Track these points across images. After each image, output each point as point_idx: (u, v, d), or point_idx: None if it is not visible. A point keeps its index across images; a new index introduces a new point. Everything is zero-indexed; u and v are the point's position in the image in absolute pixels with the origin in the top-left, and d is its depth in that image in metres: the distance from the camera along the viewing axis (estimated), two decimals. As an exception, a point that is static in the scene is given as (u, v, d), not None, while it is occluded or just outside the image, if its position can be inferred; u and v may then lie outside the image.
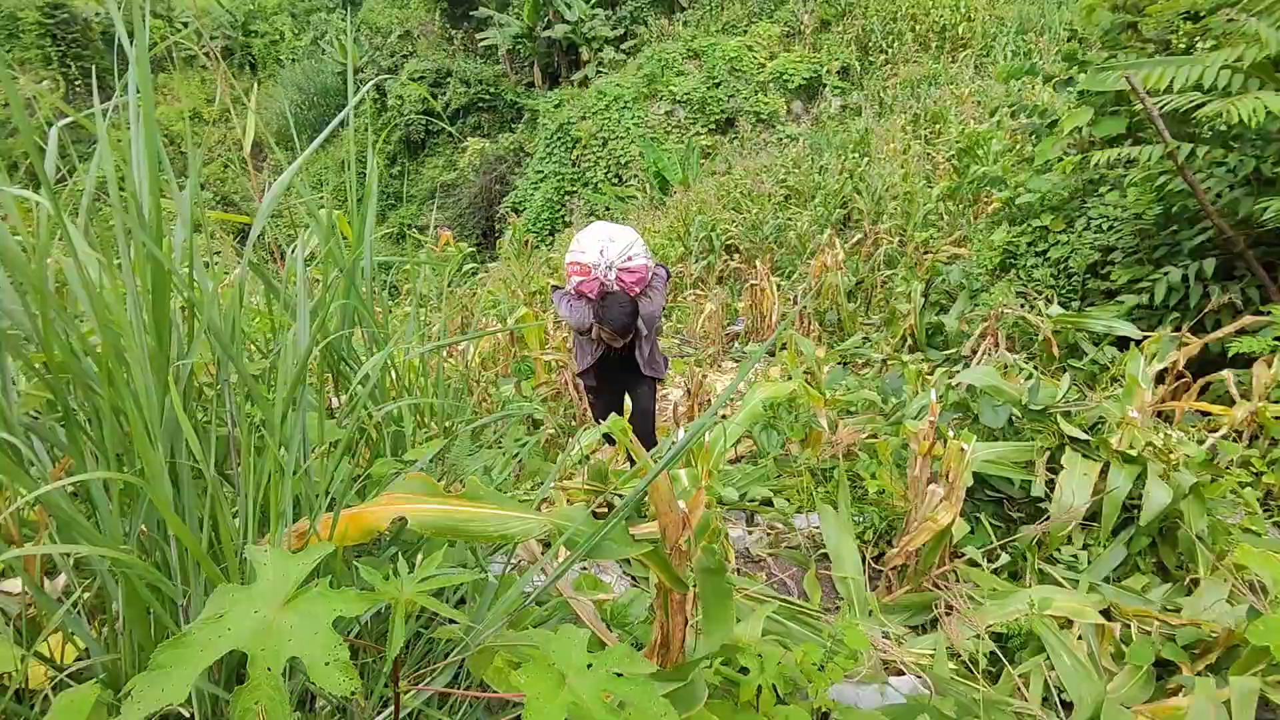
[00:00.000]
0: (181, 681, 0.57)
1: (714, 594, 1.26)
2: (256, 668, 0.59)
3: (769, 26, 18.19)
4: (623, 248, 3.22)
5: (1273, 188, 3.64)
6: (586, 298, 3.26)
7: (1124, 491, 2.23)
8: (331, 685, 0.58)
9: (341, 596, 0.64)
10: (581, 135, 18.07)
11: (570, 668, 0.71)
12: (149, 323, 0.85)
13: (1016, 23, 15.07)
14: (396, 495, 0.97)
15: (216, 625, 0.61)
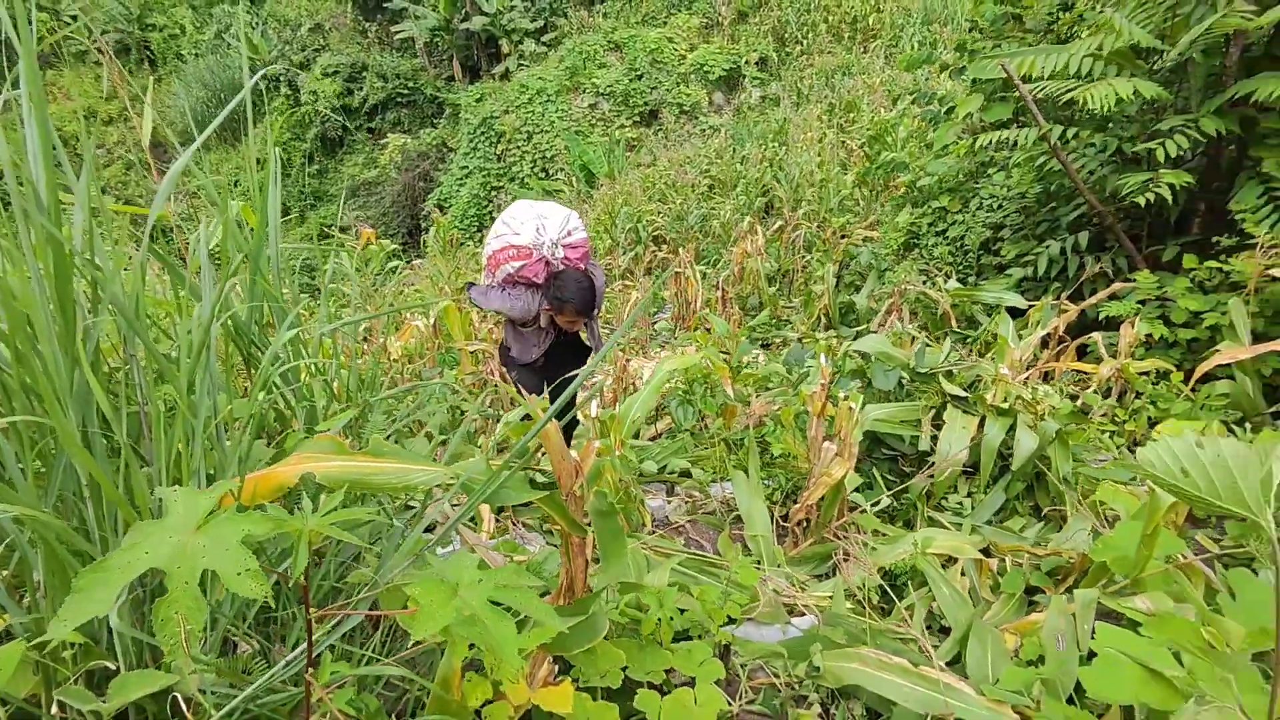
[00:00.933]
0: (105, 597, 0.65)
1: (608, 534, 1.38)
2: (174, 582, 0.66)
3: (688, 18, 18.42)
4: (561, 222, 2.94)
5: (1134, 166, 3.99)
6: (529, 284, 2.93)
7: (997, 440, 2.47)
8: (245, 591, 0.66)
9: (248, 519, 0.72)
10: (506, 129, 17.93)
11: (462, 583, 0.81)
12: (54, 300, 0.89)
13: (922, 13, 15.71)
14: (304, 455, 1.04)
15: (133, 550, 0.69)
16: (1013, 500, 2.56)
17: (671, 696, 1.36)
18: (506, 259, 2.89)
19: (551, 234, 2.88)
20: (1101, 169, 4.22)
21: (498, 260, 2.92)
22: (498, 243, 2.93)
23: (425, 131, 21.47)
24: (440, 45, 23.13)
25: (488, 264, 3.01)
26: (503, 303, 2.95)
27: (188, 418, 0.99)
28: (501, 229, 2.96)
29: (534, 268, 2.89)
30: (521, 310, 2.95)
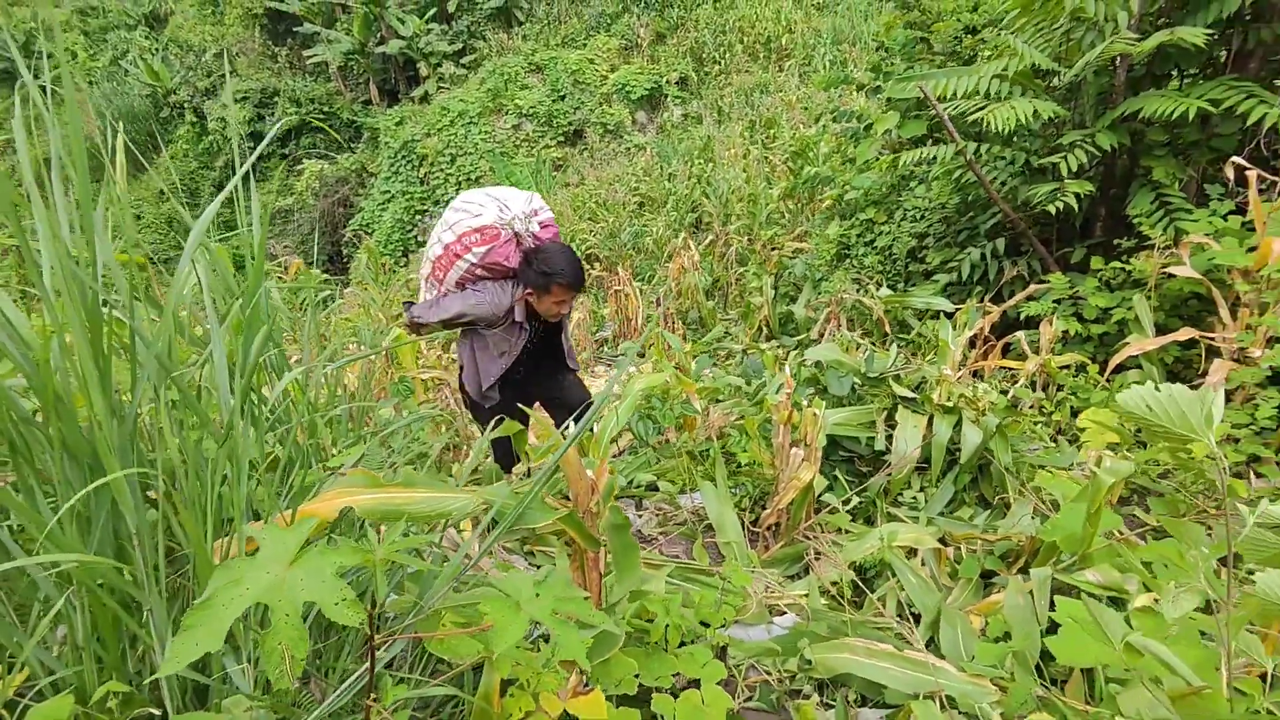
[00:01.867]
0: (217, 631, 0.67)
1: (621, 547, 1.44)
2: (277, 614, 0.70)
3: (607, 40, 18.70)
4: (524, 199, 2.57)
5: (1042, 176, 4.33)
6: (497, 273, 2.54)
7: (945, 436, 2.65)
8: (344, 619, 0.70)
9: (339, 552, 0.76)
10: (428, 152, 17.75)
11: (522, 598, 0.86)
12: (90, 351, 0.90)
13: (831, 34, 16.44)
14: (339, 490, 1.07)
15: (234, 588, 0.71)
16: (961, 491, 2.75)
17: (682, 698, 1.43)
18: (469, 246, 2.48)
19: (519, 208, 2.52)
20: (1012, 180, 4.55)
21: (455, 251, 2.50)
22: (453, 232, 2.51)
23: (343, 156, 21.02)
24: (355, 69, 22.73)
25: (435, 267, 2.59)
26: (464, 304, 2.52)
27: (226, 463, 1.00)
28: (456, 215, 2.53)
29: (503, 250, 2.51)
30: (490, 305, 2.53)
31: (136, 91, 25.60)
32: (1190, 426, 0.79)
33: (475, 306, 2.52)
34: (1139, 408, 0.82)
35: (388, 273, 12.40)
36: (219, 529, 1.03)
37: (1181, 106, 3.47)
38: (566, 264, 2.52)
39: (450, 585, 1.03)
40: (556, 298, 2.56)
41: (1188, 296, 3.68)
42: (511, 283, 2.59)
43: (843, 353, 3.04)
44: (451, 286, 2.58)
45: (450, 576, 1.02)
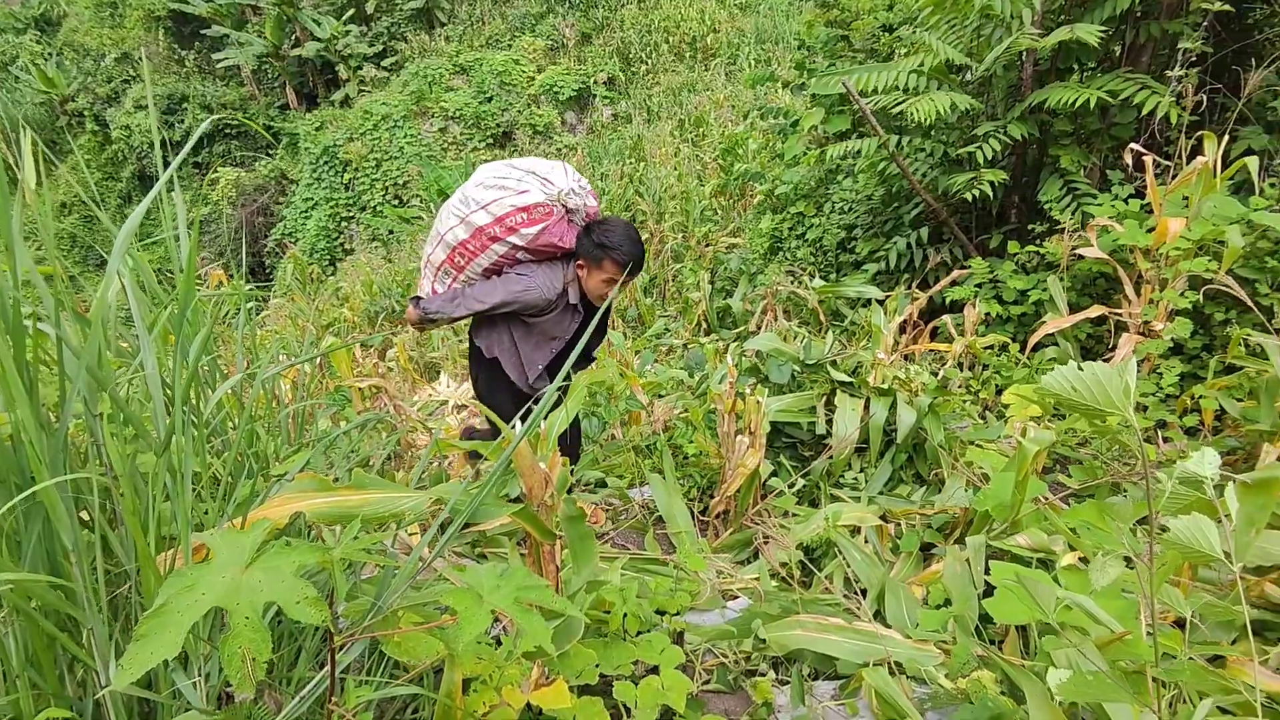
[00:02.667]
0: (172, 639, 0.65)
1: (578, 537, 1.45)
2: (236, 617, 0.68)
3: (532, 40, 18.57)
4: (563, 171, 2.31)
5: (959, 166, 4.53)
6: (547, 254, 2.31)
7: (882, 418, 2.75)
8: (307, 618, 0.69)
9: (297, 552, 0.74)
10: (351, 157, 17.28)
11: (484, 589, 0.86)
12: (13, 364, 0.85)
13: (755, 34, 16.76)
14: (289, 495, 1.04)
15: (190, 593, 0.69)
16: (898, 470, 2.86)
17: (643, 685, 1.45)
18: (514, 227, 2.21)
19: (563, 182, 2.25)
20: (932, 171, 4.74)
21: (492, 234, 2.21)
22: (489, 212, 2.21)
23: (261, 163, 20.27)
24: (270, 73, 21.94)
25: (454, 254, 2.30)
26: (509, 291, 2.26)
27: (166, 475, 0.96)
28: (490, 194, 2.22)
29: (557, 229, 2.27)
30: (541, 291, 2.28)
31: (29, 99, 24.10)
32: (1110, 401, 0.85)
33: (524, 294, 2.27)
34: (1063, 388, 0.88)
35: (315, 282, 12.03)
36: (160, 544, 0.99)
37: (1082, 97, 3.68)
38: (627, 240, 2.27)
39: (407, 585, 1.02)
40: (607, 274, 2.29)
41: (1096, 276, 3.91)
42: (562, 263, 2.37)
43: (782, 342, 3.12)
44: (476, 274, 2.33)
45: (408, 575, 1.01)
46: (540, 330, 2.40)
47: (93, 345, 0.92)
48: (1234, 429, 2.80)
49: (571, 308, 2.42)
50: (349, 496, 1.05)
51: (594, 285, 2.36)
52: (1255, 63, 3.59)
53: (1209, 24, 3.84)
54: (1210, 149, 3.21)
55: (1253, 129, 3.71)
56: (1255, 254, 3.30)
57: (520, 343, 2.41)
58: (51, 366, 1.03)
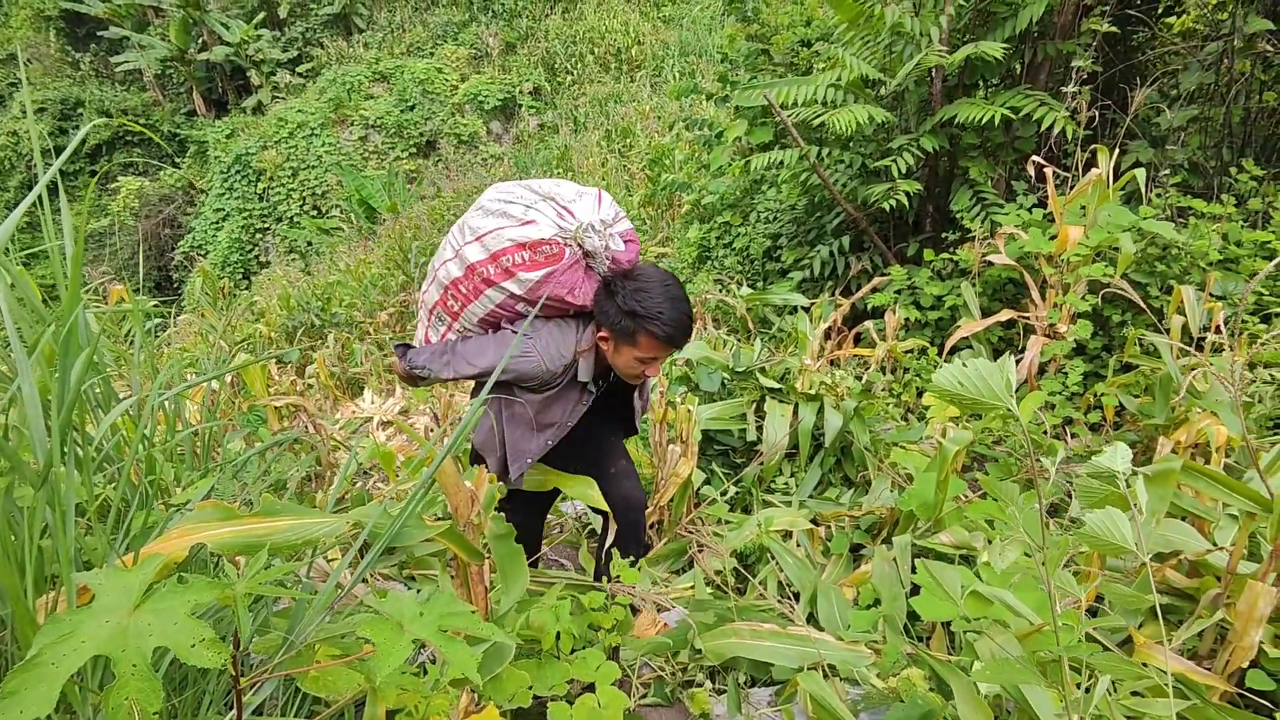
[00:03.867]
0: (46, 696, 0.58)
1: (507, 556, 1.41)
2: (122, 666, 0.61)
3: (455, 49, 18.33)
4: (594, 201, 1.71)
5: (876, 177, 4.69)
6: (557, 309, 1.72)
7: (810, 423, 2.81)
8: (203, 662, 0.63)
9: (191, 589, 0.68)
10: (266, 166, 16.62)
11: (405, 618, 0.82)
12: None
13: (679, 47, 17.01)
14: (188, 526, 0.96)
15: (68, 641, 0.62)
16: (827, 474, 2.91)
17: (578, 704, 1.41)
18: (511, 268, 1.63)
19: (587, 215, 1.66)
20: (852, 181, 4.89)
21: (486, 275, 1.66)
22: (484, 246, 1.65)
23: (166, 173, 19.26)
24: (175, 77, 20.92)
25: (447, 295, 1.75)
26: (500, 356, 1.65)
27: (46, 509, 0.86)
28: (488, 221, 1.66)
29: (568, 278, 1.66)
30: (542, 360, 1.69)
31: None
32: (994, 394, 0.89)
33: (520, 361, 1.68)
34: (951, 384, 0.91)
35: (227, 296, 11.48)
36: (41, 586, 0.89)
37: (987, 113, 3.87)
38: (669, 305, 1.64)
39: (323, 617, 0.95)
40: (644, 352, 1.67)
41: (1006, 281, 4.10)
42: (577, 323, 1.75)
43: (711, 350, 3.14)
44: (472, 324, 1.76)
45: (322, 606, 0.94)
46: (535, 411, 1.77)
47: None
48: (1132, 424, 2.97)
49: (579, 387, 1.79)
50: (257, 525, 0.98)
51: (625, 363, 1.72)
52: (1139, 81, 3.85)
53: (1098, 45, 4.10)
54: (1103, 162, 3.42)
55: (1139, 143, 3.98)
56: (1146, 259, 3.53)
57: (507, 424, 1.81)
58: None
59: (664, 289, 1.67)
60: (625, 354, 1.70)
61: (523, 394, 1.74)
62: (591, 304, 1.71)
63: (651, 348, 1.67)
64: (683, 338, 1.69)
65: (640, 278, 1.68)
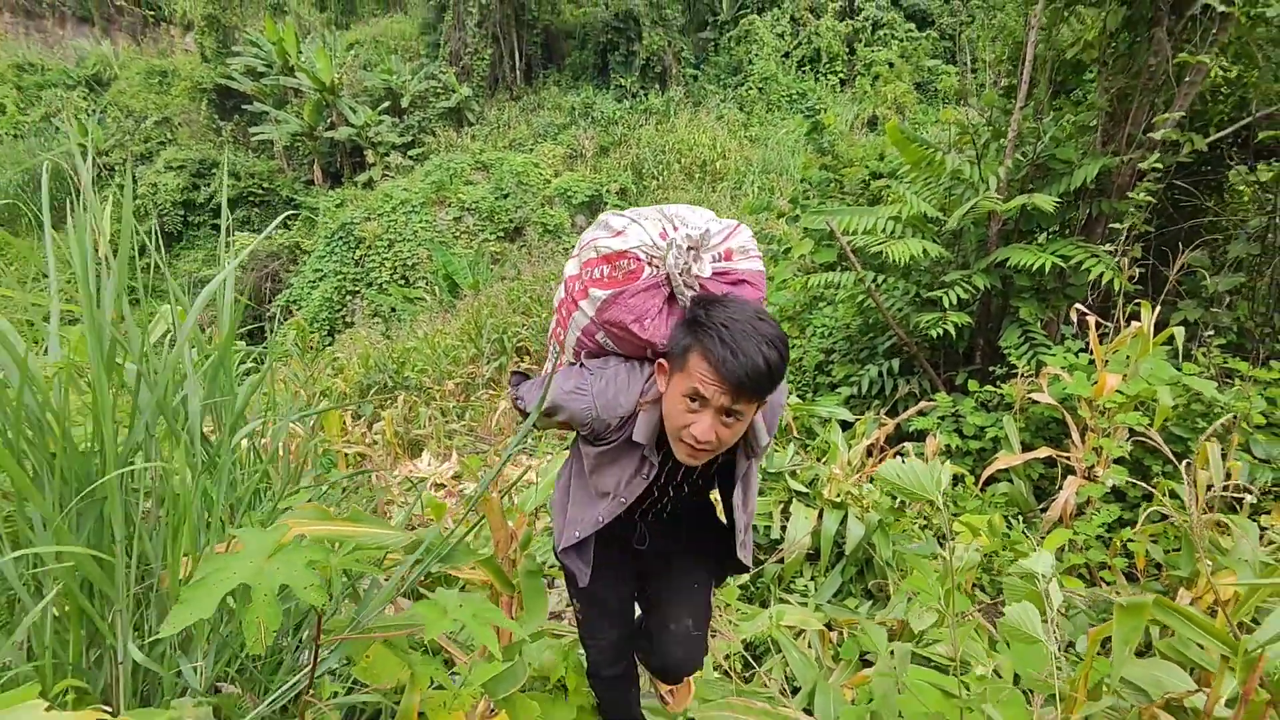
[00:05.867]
0: (208, 603, 0.83)
1: (532, 591, 1.61)
2: (257, 594, 0.86)
3: (553, 147, 19.76)
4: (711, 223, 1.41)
5: (930, 306, 4.90)
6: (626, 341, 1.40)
7: (833, 529, 2.94)
8: (312, 599, 0.87)
9: (310, 550, 0.93)
10: (366, 235, 17.94)
11: (450, 607, 1.04)
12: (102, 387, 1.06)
13: (760, 165, 17.91)
14: (295, 519, 1.23)
15: (222, 571, 0.87)
16: (847, 583, 3.01)
17: (578, 744, 1.58)
18: (586, 287, 1.39)
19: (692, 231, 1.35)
20: (906, 308, 5.12)
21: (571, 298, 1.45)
22: (576, 259, 1.45)
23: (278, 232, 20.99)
24: (301, 150, 23.03)
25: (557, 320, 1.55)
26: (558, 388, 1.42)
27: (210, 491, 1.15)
28: (593, 233, 1.43)
29: (641, 303, 1.35)
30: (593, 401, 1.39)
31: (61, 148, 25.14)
32: (923, 487, 1.09)
33: (571, 397, 1.40)
34: (892, 475, 1.11)
35: (314, 350, 12.28)
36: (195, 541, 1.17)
37: (1039, 260, 4.09)
38: (742, 329, 1.22)
39: (383, 607, 1.19)
40: (692, 379, 1.26)
41: (1049, 420, 4.18)
42: (644, 365, 1.42)
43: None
44: (569, 353, 1.52)
45: (386, 597, 1.17)
46: (595, 470, 1.47)
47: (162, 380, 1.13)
48: (1161, 574, 2.99)
49: (634, 450, 1.42)
50: (344, 527, 1.24)
51: (671, 403, 1.32)
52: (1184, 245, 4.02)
53: (1152, 207, 4.31)
54: (1145, 316, 3.56)
55: (1189, 303, 4.10)
56: (1189, 414, 3.60)
57: (574, 478, 1.55)
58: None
59: (752, 314, 1.26)
60: (674, 387, 1.31)
61: (583, 446, 1.47)
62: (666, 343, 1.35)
63: (702, 376, 1.24)
64: (747, 378, 1.21)
65: (730, 298, 1.32)
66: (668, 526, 1.54)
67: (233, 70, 22.34)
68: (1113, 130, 4.49)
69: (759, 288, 1.43)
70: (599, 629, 1.60)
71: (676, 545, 1.60)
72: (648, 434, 1.38)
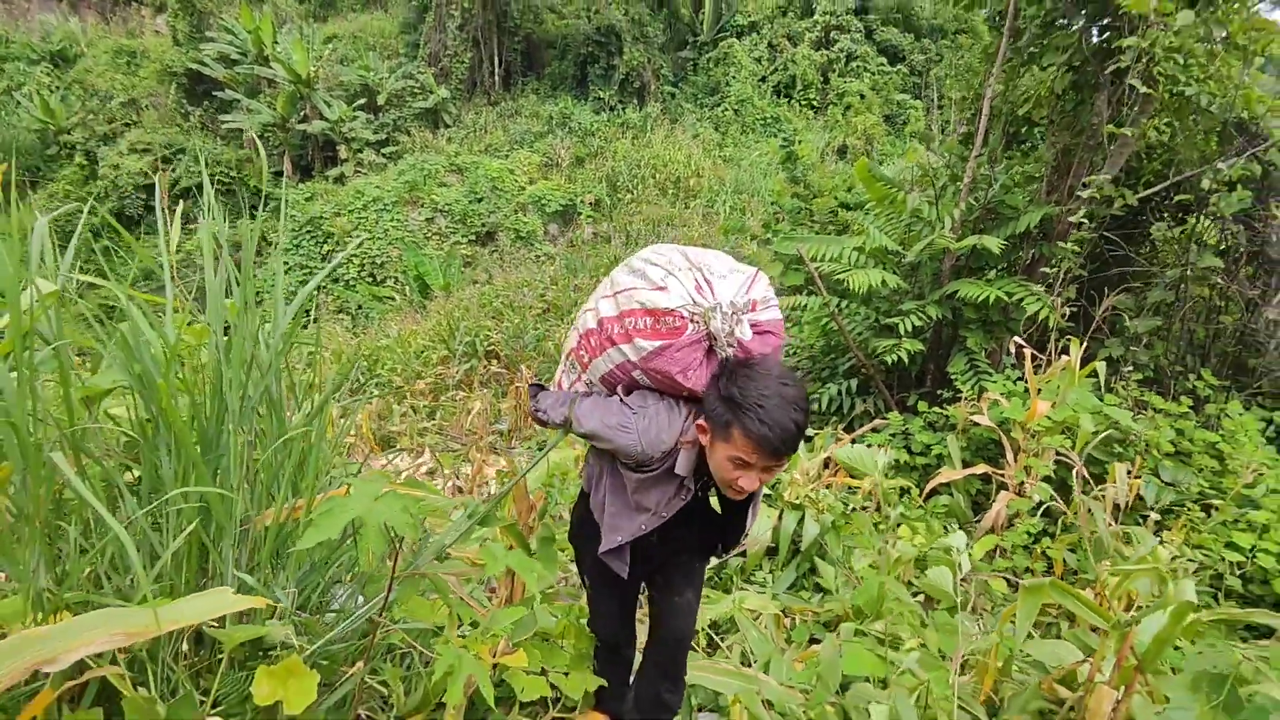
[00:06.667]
0: (334, 528, 1.08)
1: (547, 556, 1.87)
2: (368, 527, 1.12)
3: (529, 155, 19.97)
4: (742, 280, 1.58)
5: (888, 332, 5.30)
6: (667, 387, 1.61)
7: (791, 527, 3.26)
8: (408, 533, 1.13)
9: (405, 498, 1.19)
10: (335, 230, 17.89)
11: (499, 552, 1.30)
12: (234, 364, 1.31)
13: (734, 184, 18.41)
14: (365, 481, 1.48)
15: (342, 506, 1.13)
16: (801, 577, 3.34)
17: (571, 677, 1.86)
18: (630, 332, 1.57)
19: (727, 294, 1.53)
20: (866, 332, 5.52)
21: (611, 335, 1.62)
22: (616, 303, 1.61)
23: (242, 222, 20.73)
24: (272, 140, 22.77)
25: (581, 343, 1.72)
26: (604, 423, 1.62)
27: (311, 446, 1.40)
28: (628, 279, 1.61)
29: (683, 356, 1.54)
30: (642, 438, 1.58)
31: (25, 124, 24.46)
32: (870, 466, 1.40)
33: (618, 433, 1.59)
34: (844, 457, 1.42)
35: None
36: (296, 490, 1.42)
37: (985, 294, 4.51)
38: (775, 402, 1.43)
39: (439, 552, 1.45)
40: (737, 450, 1.47)
41: (988, 441, 4.59)
42: (688, 410, 1.62)
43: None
44: (596, 379, 1.71)
45: (441, 546, 1.43)
46: (635, 490, 1.68)
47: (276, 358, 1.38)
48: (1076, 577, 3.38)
49: (676, 480, 1.65)
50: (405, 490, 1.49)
51: (718, 463, 1.53)
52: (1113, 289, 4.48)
53: (1088, 253, 4.77)
54: (1074, 350, 3.99)
55: (1114, 340, 4.56)
56: (1108, 441, 4.02)
57: (611, 495, 1.74)
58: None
59: (777, 384, 1.46)
60: (719, 451, 1.50)
61: (623, 469, 1.66)
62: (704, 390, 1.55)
63: (745, 447, 1.44)
64: (783, 445, 1.43)
65: (756, 366, 1.50)
66: (683, 521, 1.74)
67: (205, 56, 22.04)
68: (1056, 181, 4.96)
69: (779, 335, 1.63)
70: (603, 599, 1.88)
71: (687, 535, 1.81)
72: (688, 468, 1.62)
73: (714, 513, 1.82)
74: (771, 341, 1.61)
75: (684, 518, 1.72)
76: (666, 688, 1.86)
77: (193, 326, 1.56)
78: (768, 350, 1.59)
